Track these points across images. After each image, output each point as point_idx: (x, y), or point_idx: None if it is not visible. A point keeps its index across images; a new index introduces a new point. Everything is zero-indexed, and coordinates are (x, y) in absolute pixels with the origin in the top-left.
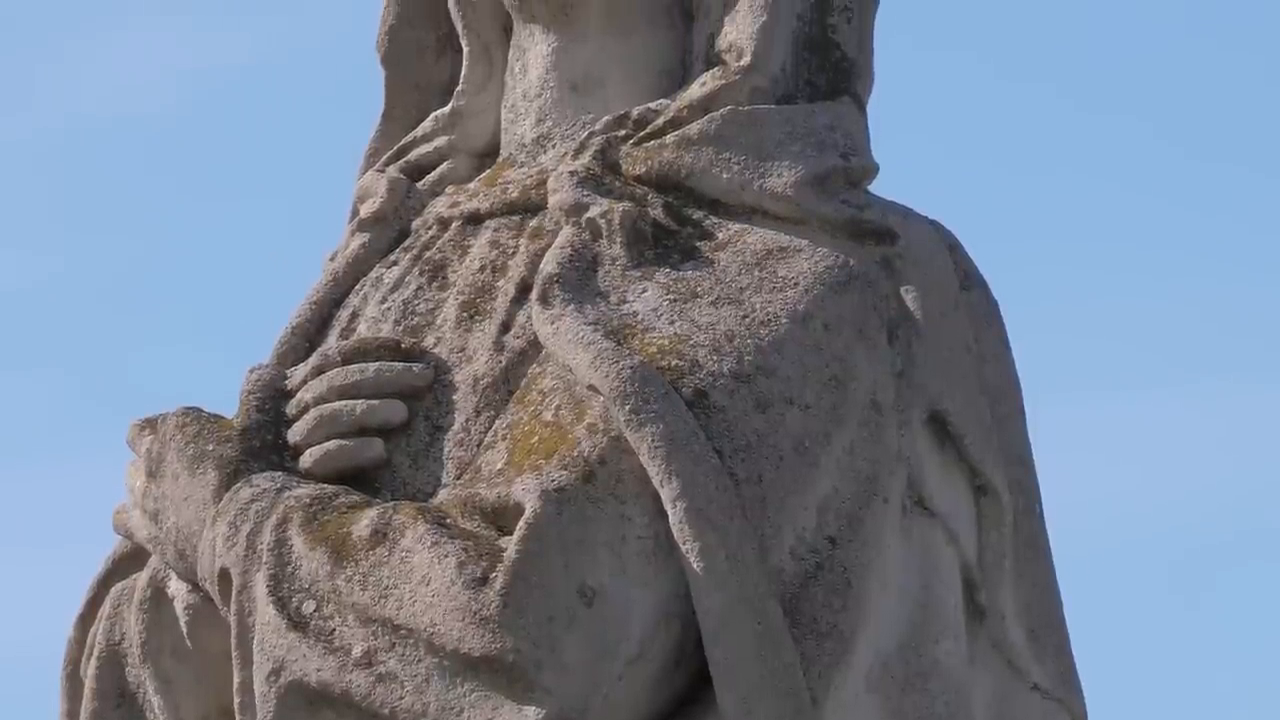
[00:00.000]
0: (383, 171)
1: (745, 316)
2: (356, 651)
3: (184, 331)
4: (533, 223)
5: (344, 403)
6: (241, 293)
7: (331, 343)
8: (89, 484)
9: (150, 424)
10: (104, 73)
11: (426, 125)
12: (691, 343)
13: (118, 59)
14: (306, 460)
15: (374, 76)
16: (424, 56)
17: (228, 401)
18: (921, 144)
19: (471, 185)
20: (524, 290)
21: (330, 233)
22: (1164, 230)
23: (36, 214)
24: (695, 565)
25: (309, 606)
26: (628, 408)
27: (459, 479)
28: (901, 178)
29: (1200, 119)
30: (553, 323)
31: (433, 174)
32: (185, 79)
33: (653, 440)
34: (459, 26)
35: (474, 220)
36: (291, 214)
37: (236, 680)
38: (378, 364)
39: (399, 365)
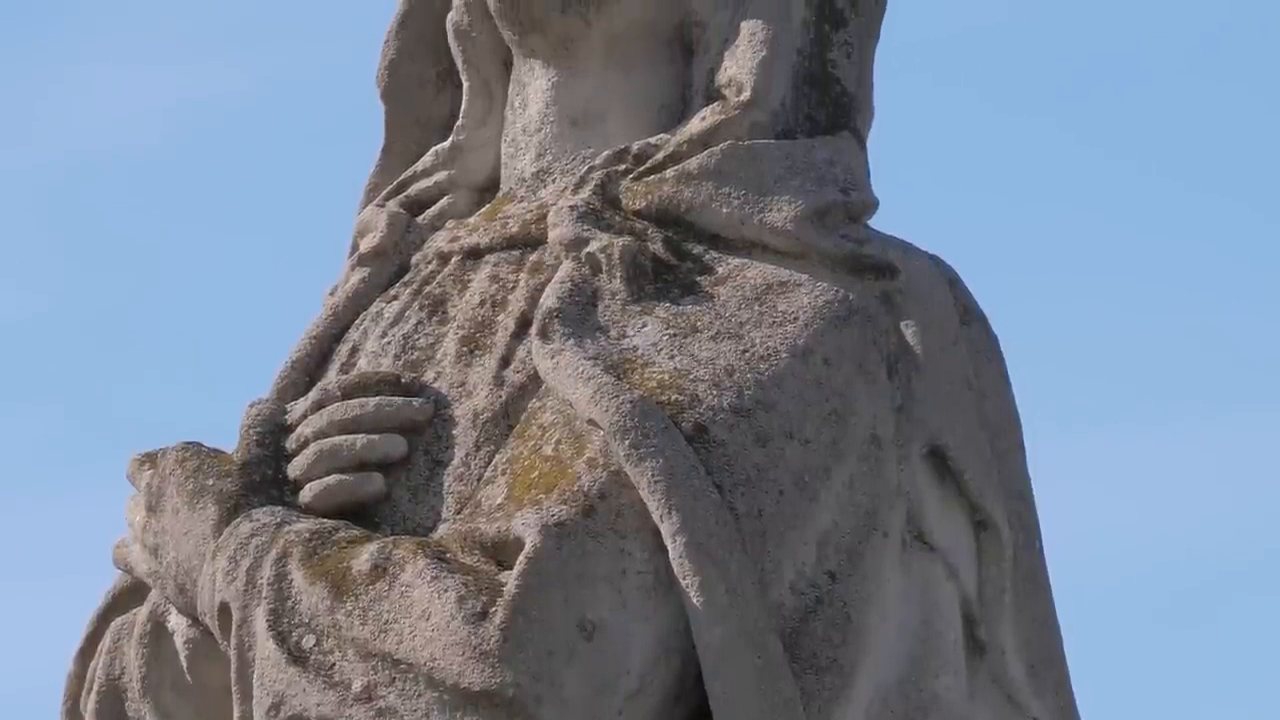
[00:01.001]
0: (383, 206)
1: (745, 351)
2: (356, 686)
3: (178, 366)
4: (533, 257)
5: (344, 437)
6: (237, 327)
7: (331, 377)
8: (85, 517)
9: (150, 458)
10: (96, 107)
11: (426, 160)
12: (691, 377)
13: (110, 93)
14: (306, 495)
15: (369, 110)
16: (424, 91)
17: (225, 436)
18: (921, 179)
19: (471, 220)
20: (524, 325)
21: (326, 266)
22: (1162, 264)
23: (29, 248)
24: (695, 600)
25: (309, 641)
26: (627, 442)
27: (459, 514)
28: (901, 212)
29: (1197, 154)
30: (553, 357)
31: (433, 209)
32: (177, 113)
33: (652, 475)
34: (459, 61)
35: (474, 255)
36: (286, 247)
37: (236, 715)
38: (378, 399)
39: (399, 400)
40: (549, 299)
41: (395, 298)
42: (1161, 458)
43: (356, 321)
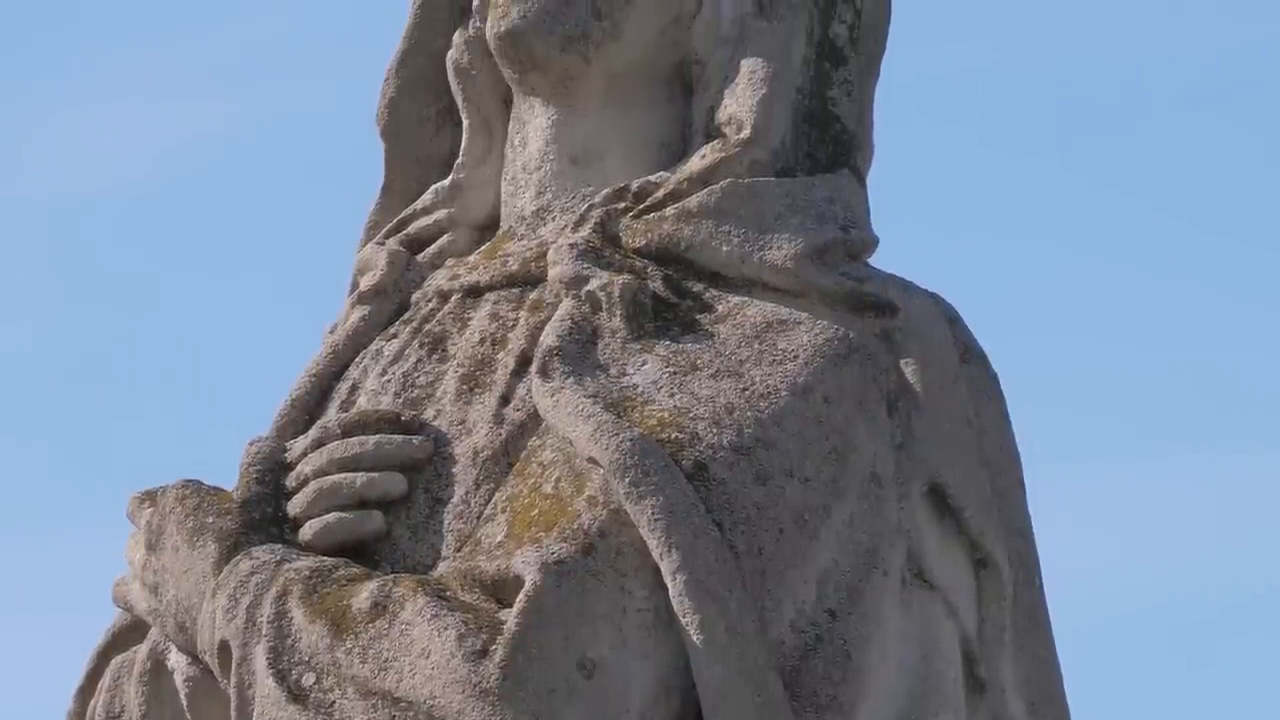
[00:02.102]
0: (383, 244)
1: (745, 389)
2: None
3: (173, 402)
4: (532, 295)
5: (344, 475)
6: (233, 363)
7: (331, 415)
8: (79, 554)
9: (150, 497)
10: (88, 144)
11: (426, 198)
12: (691, 415)
13: (101, 131)
14: (306, 533)
15: (360, 148)
16: (424, 129)
17: (221, 473)
18: (921, 217)
19: (471, 258)
20: (524, 363)
21: (322, 303)
22: (1162, 302)
23: (19, 283)
24: (695, 637)
25: (309, 679)
26: (627, 480)
27: (459, 551)
28: (901, 250)
29: (1195, 193)
30: (552, 395)
31: (433, 247)
32: (169, 151)
33: (652, 513)
34: (459, 100)
35: (474, 293)
36: (279, 283)
37: None
38: (377, 437)
39: (399, 438)
40: (549, 337)
41: (395, 336)
42: (1162, 495)
43: (356, 359)
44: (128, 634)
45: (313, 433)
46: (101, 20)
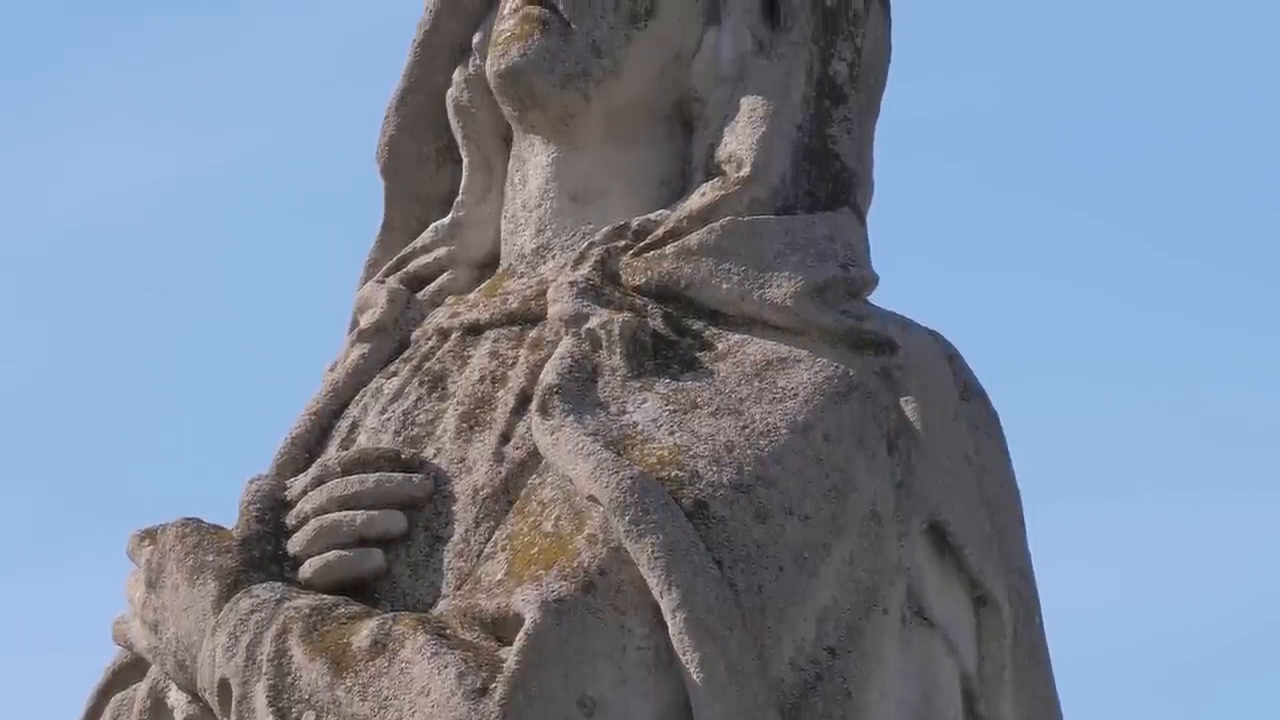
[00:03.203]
0: (383, 282)
1: (745, 427)
2: None
3: (172, 440)
4: (532, 333)
5: (344, 513)
6: (230, 402)
7: (331, 453)
8: (76, 592)
9: (150, 535)
10: (80, 181)
11: (426, 236)
12: (691, 453)
13: (94, 167)
14: (306, 571)
15: (355, 183)
16: (424, 167)
17: (220, 510)
18: (921, 255)
19: (471, 296)
20: (524, 401)
21: (322, 342)
22: (1160, 340)
23: (13, 322)
24: (695, 676)
25: (309, 717)
26: (627, 518)
27: (459, 589)
28: (901, 288)
29: (1194, 229)
30: (552, 433)
31: (432, 285)
32: (161, 187)
33: (652, 551)
34: (459, 138)
35: (474, 331)
36: (277, 322)
37: None
38: (377, 475)
39: (399, 476)
40: (549, 375)
41: (395, 374)
42: (1162, 533)
43: (356, 397)
44: (127, 672)
45: (313, 471)
46: (96, 56)
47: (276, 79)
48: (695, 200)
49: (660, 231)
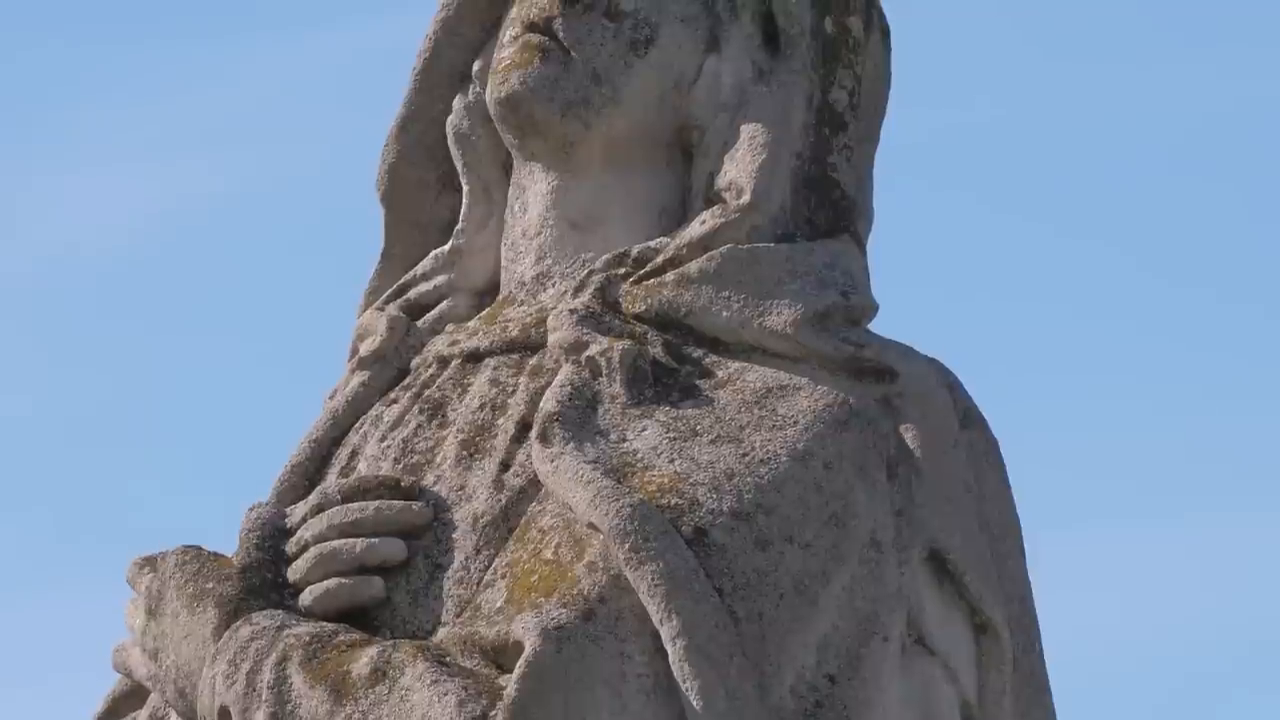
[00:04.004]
0: (383, 309)
1: (745, 454)
2: None
3: (172, 468)
4: (532, 361)
5: (344, 541)
6: (231, 429)
7: (331, 481)
8: (76, 619)
9: (150, 562)
10: (73, 210)
11: (426, 263)
12: (691, 481)
13: (86, 196)
14: (306, 598)
15: (349, 211)
16: (424, 195)
17: (220, 538)
18: (921, 282)
19: (471, 323)
20: (524, 428)
21: (323, 369)
22: (1161, 367)
23: (10, 351)
24: (695, 703)
25: None
26: (627, 545)
27: (459, 617)
28: (901, 316)
29: (1194, 257)
30: (552, 461)
31: (433, 312)
32: (155, 216)
33: (652, 578)
34: (459, 165)
35: (474, 358)
36: (277, 349)
37: None
38: (377, 502)
39: (399, 503)
40: (549, 402)
41: (395, 401)
42: (1161, 559)
43: (356, 425)
44: (127, 699)
45: (313, 498)
46: (86, 86)
47: (268, 107)
48: (695, 228)
49: (660, 259)
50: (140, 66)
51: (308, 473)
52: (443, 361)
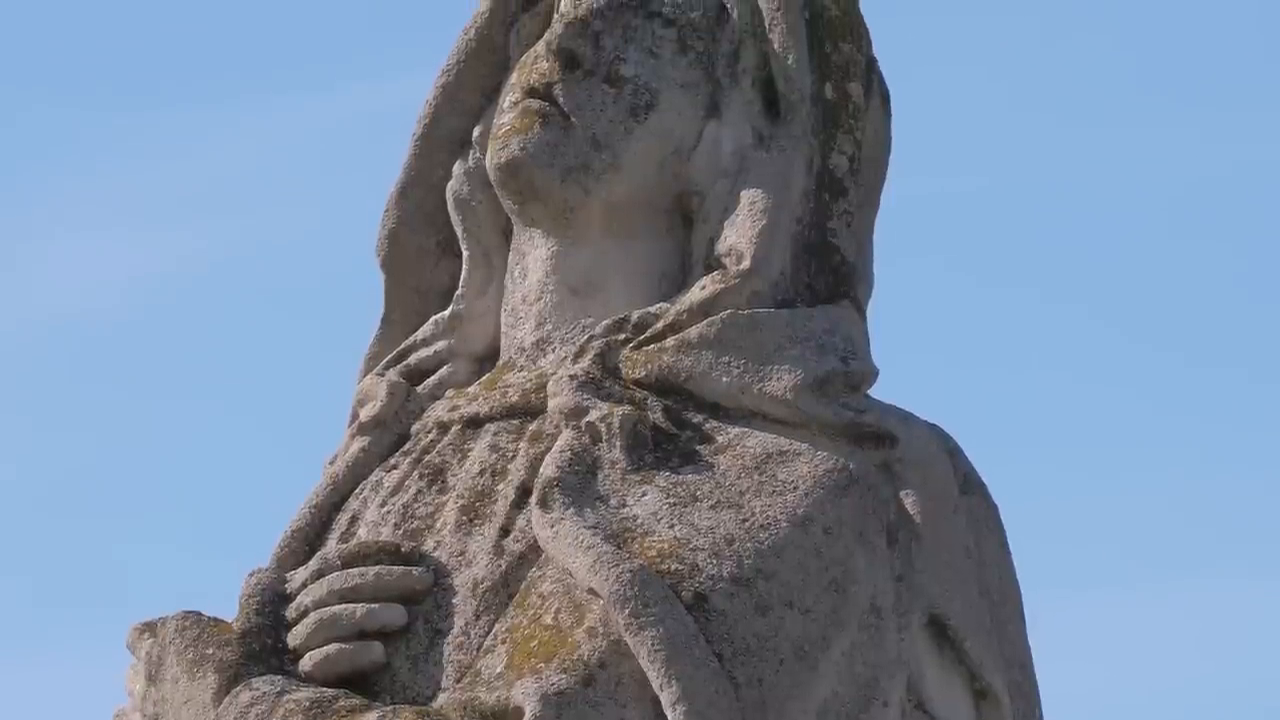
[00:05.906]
0: (383, 375)
1: (745, 520)
2: None
3: (173, 533)
4: (532, 426)
5: (344, 606)
6: (232, 495)
7: (331, 546)
8: (75, 685)
9: (150, 627)
10: (58, 274)
11: (426, 329)
12: (691, 546)
13: (71, 260)
14: (306, 663)
15: (342, 275)
16: (424, 261)
17: (220, 604)
18: (921, 348)
19: (471, 389)
20: (524, 494)
21: (323, 435)
22: (1159, 433)
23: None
24: None
25: None
26: (627, 611)
27: (459, 682)
28: (901, 381)
29: (1187, 322)
30: (552, 526)
31: (432, 378)
32: (139, 280)
33: (652, 644)
34: (459, 231)
35: (474, 424)
36: (277, 415)
37: None
38: (377, 568)
39: (398, 569)
40: (549, 468)
41: (395, 467)
42: (1161, 624)
43: (356, 491)
44: None
45: (313, 564)
46: (73, 151)
47: (256, 172)
48: (695, 293)
49: (660, 325)
50: (128, 131)
51: (308, 538)
52: (443, 427)
